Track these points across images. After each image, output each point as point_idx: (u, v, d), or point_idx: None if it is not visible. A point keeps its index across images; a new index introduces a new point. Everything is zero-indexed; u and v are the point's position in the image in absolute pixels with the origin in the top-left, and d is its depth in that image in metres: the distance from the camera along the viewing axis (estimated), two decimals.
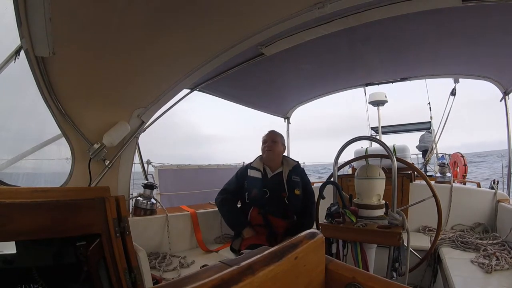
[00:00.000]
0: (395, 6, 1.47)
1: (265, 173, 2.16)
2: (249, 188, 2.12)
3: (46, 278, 0.96)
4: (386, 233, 1.37)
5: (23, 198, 0.89)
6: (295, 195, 2.09)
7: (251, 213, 2.09)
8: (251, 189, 2.10)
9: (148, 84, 1.71)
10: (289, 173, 2.15)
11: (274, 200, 2.07)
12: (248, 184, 2.13)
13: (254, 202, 2.09)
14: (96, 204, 1.04)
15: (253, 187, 2.10)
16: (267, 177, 2.15)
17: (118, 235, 1.07)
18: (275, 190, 2.09)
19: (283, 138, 2.27)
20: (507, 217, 2.06)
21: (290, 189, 2.10)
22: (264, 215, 2.05)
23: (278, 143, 2.19)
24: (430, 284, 1.98)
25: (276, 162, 2.20)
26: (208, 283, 0.39)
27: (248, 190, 2.12)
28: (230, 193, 2.19)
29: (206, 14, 1.34)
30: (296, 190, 2.11)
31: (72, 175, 1.60)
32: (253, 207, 2.09)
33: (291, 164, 2.20)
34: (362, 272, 0.62)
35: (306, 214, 2.15)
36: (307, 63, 2.38)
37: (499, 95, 2.67)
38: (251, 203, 2.10)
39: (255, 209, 2.08)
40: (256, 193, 2.08)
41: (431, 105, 5.47)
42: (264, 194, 2.07)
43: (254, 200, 2.08)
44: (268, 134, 2.22)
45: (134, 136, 1.84)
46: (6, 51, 1.27)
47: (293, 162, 2.22)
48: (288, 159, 2.25)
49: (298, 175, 2.17)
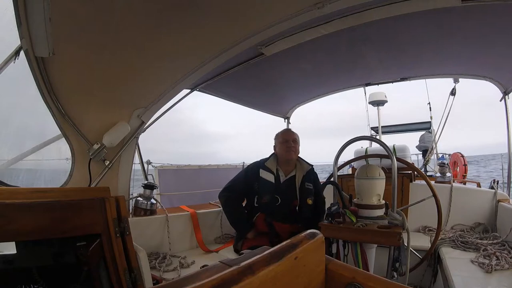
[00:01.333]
0: (395, 6, 1.47)
1: (278, 176, 2.01)
2: (260, 191, 1.96)
3: (46, 278, 0.96)
4: (386, 233, 1.37)
5: (23, 199, 0.89)
6: (307, 204, 1.96)
7: (257, 219, 1.97)
8: (262, 193, 1.95)
9: (148, 84, 1.71)
10: (302, 178, 2.00)
11: (284, 208, 1.95)
12: (259, 187, 1.96)
13: (263, 209, 1.96)
14: (96, 204, 1.04)
15: (264, 191, 1.95)
16: (280, 181, 2.00)
17: (118, 235, 1.07)
18: (286, 197, 1.96)
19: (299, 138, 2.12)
20: (507, 217, 2.06)
21: (302, 198, 1.96)
22: (270, 222, 1.94)
23: (298, 143, 2.05)
24: (430, 284, 1.98)
25: (292, 165, 2.05)
26: (208, 283, 0.39)
27: (258, 193, 1.97)
28: (236, 192, 2.05)
29: (206, 14, 1.34)
30: (308, 199, 1.96)
31: (72, 175, 1.60)
32: (260, 212, 1.97)
33: (305, 168, 2.05)
34: (362, 272, 0.62)
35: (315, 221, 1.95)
36: (307, 63, 2.37)
37: (499, 94, 2.68)
38: (259, 209, 1.97)
39: (262, 215, 1.96)
40: (267, 199, 1.94)
41: (431, 105, 5.47)
42: (276, 202, 1.94)
43: (264, 206, 1.95)
44: (289, 133, 2.05)
45: (134, 136, 1.84)
46: (6, 52, 1.27)
47: (307, 166, 2.06)
48: (302, 162, 2.08)
49: (311, 182, 2.02)
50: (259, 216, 1.97)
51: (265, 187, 1.96)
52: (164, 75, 1.71)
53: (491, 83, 2.60)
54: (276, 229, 1.94)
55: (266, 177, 1.98)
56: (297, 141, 2.05)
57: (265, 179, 1.97)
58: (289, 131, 2.09)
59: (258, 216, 1.97)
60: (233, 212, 2.06)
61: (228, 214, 2.09)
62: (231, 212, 2.07)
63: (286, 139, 2.02)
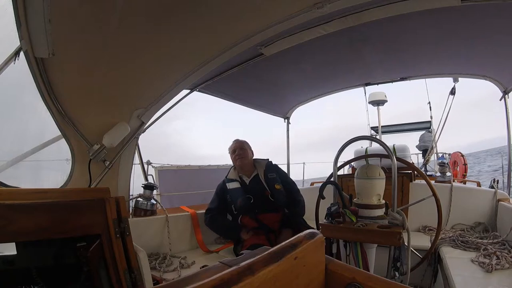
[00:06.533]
0: (395, 6, 1.47)
1: (243, 181, 2.22)
2: (233, 200, 2.16)
3: (47, 279, 0.96)
4: (386, 233, 1.37)
5: (23, 199, 0.89)
6: (276, 190, 2.16)
7: (243, 221, 2.13)
8: (235, 200, 2.14)
9: (148, 84, 1.71)
10: (264, 172, 2.23)
11: (260, 202, 2.12)
12: (231, 197, 2.18)
13: (243, 211, 2.12)
14: (96, 205, 1.04)
15: (236, 197, 2.15)
16: (246, 184, 2.21)
17: (118, 235, 1.07)
18: (257, 193, 2.14)
19: (248, 144, 2.35)
20: (507, 217, 2.05)
21: (271, 186, 2.17)
22: (255, 218, 2.09)
23: (247, 149, 2.28)
24: (430, 283, 1.98)
25: (249, 168, 2.27)
26: (208, 283, 0.39)
27: (233, 202, 2.16)
28: (215, 210, 2.23)
29: (206, 15, 1.34)
30: (276, 185, 2.17)
31: (72, 176, 1.60)
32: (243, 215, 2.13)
33: (262, 164, 2.29)
34: (362, 272, 0.62)
35: (295, 202, 2.21)
36: (307, 63, 2.38)
37: (498, 94, 2.68)
38: (240, 212, 2.14)
39: (246, 216, 2.12)
40: (241, 202, 2.12)
41: (431, 104, 5.47)
42: (249, 200, 2.12)
43: (242, 209, 2.12)
44: (235, 144, 2.30)
45: (134, 137, 1.84)
46: (6, 53, 1.27)
47: (264, 161, 2.31)
48: (258, 161, 2.32)
49: (273, 172, 2.25)
50: (243, 217, 2.13)
51: (235, 194, 2.17)
52: (164, 75, 1.71)
53: (490, 82, 2.60)
54: (264, 221, 2.08)
55: (233, 186, 2.20)
56: (244, 147, 2.28)
57: (232, 188, 2.20)
58: (235, 143, 2.33)
59: (242, 218, 2.14)
60: (219, 226, 2.23)
61: (216, 230, 2.26)
62: (217, 227, 2.24)
63: (233, 149, 2.29)
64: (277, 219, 2.11)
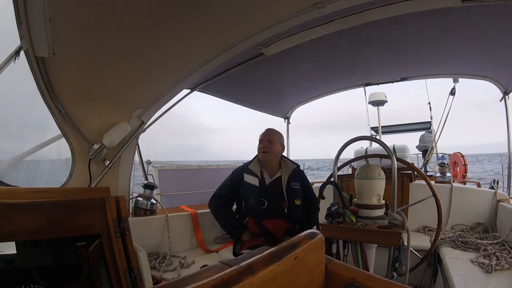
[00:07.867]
0: (395, 6, 1.47)
1: (263, 179, 1.97)
2: (245, 196, 1.96)
3: (46, 278, 0.96)
4: (386, 233, 1.37)
5: (23, 199, 0.89)
6: (295, 205, 1.93)
7: (248, 223, 1.97)
8: (248, 198, 1.95)
9: (148, 84, 1.71)
10: (288, 178, 1.97)
11: (272, 211, 1.92)
12: (244, 192, 1.96)
13: (251, 213, 1.95)
14: (96, 204, 1.04)
15: (249, 196, 1.94)
16: (265, 184, 1.97)
17: (118, 235, 1.07)
18: (273, 200, 1.93)
19: (281, 137, 2.05)
20: (507, 217, 2.06)
21: (290, 199, 1.93)
22: (259, 223, 1.93)
23: (275, 143, 1.97)
24: (430, 284, 1.98)
25: (273, 165, 2.01)
26: (208, 283, 0.39)
27: (244, 198, 1.96)
28: (224, 199, 2.05)
29: (206, 14, 1.34)
30: (296, 200, 1.94)
31: (72, 176, 1.60)
32: (249, 216, 1.97)
33: (290, 167, 2.01)
34: (362, 272, 0.62)
35: (310, 222, 1.97)
36: (307, 63, 2.38)
37: (499, 95, 2.68)
38: (248, 213, 1.97)
39: (252, 219, 1.96)
40: (253, 203, 1.92)
41: (431, 104, 5.46)
42: (262, 205, 1.91)
43: (251, 210, 1.94)
44: (264, 133, 2.01)
45: (134, 137, 1.84)
46: (6, 52, 1.27)
47: (292, 165, 2.03)
48: (286, 161, 2.06)
49: (298, 181, 1.98)
50: (248, 220, 1.97)
51: (249, 192, 1.94)
52: (164, 75, 1.71)
53: (491, 83, 2.60)
54: (268, 228, 1.93)
55: (251, 181, 1.96)
56: (273, 140, 1.97)
57: (249, 183, 1.95)
58: (265, 131, 2.03)
59: (248, 220, 1.98)
60: (224, 218, 2.07)
61: (219, 221, 2.10)
62: (221, 218, 2.08)
63: (260, 139, 2.00)
64: (283, 227, 1.94)
